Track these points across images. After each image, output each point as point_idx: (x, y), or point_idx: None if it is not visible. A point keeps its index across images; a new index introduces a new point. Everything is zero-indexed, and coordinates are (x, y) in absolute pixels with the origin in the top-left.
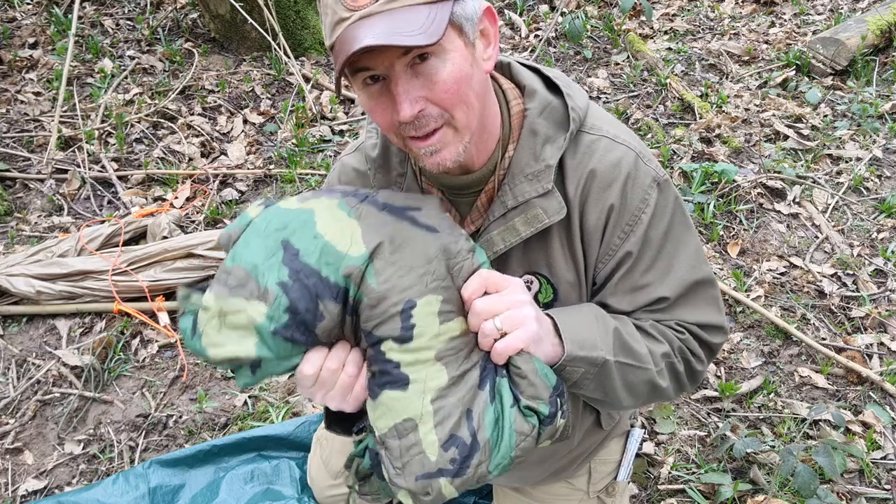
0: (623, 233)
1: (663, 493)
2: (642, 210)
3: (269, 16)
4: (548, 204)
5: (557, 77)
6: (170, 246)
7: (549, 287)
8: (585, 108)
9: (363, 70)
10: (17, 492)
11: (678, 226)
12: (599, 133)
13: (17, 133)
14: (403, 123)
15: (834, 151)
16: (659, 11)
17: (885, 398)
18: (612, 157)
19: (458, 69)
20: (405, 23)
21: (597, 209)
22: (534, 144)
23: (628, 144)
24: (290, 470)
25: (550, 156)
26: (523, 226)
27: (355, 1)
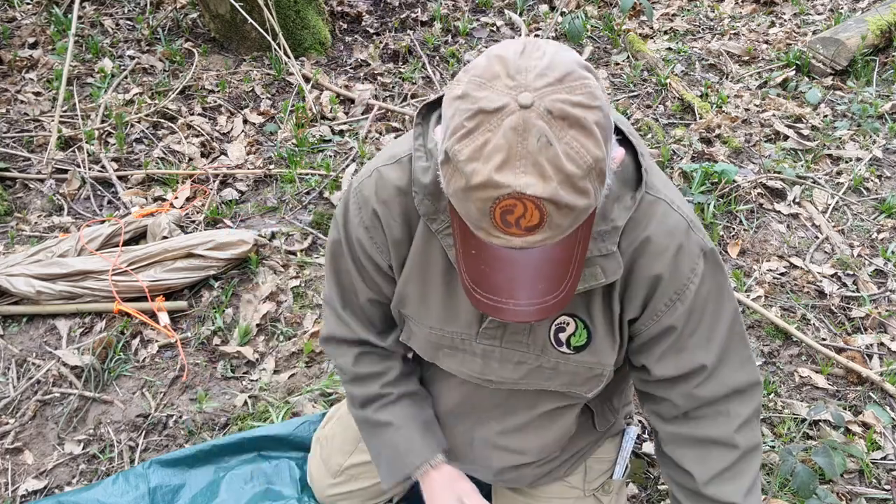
0: (670, 301)
1: (663, 493)
2: (691, 280)
3: (269, 16)
4: (608, 264)
5: (631, 131)
6: (170, 246)
7: (584, 331)
8: (648, 166)
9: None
10: (17, 492)
11: (721, 295)
12: (658, 196)
13: (17, 133)
14: None
15: (834, 151)
16: (659, 11)
17: (885, 398)
18: (668, 226)
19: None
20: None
21: (644, 275)
22: (605, 203)
23: (682, 213)
24: (290, 470)
25: (618, 217)
26: (581, 282)
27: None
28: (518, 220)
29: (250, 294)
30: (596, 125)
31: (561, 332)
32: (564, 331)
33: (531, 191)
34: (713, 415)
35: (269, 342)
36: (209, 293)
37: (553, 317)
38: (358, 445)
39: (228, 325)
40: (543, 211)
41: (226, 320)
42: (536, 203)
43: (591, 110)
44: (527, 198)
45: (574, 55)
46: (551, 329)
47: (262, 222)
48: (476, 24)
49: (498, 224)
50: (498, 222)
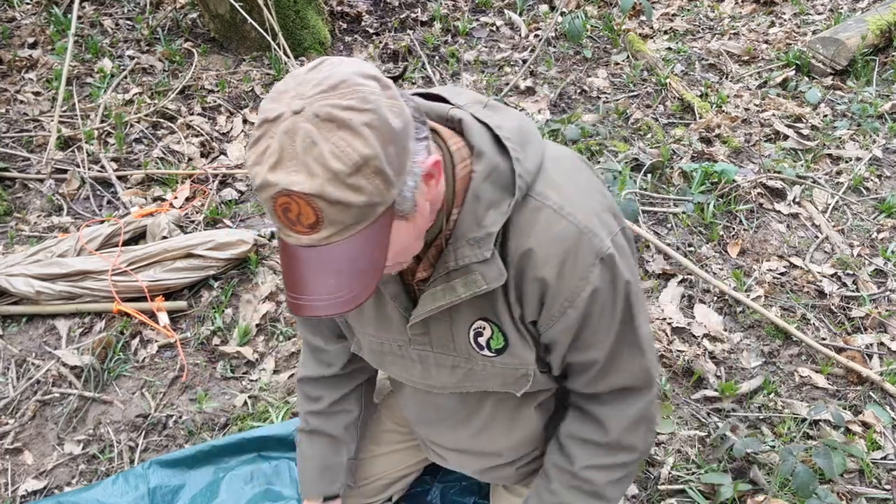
0: (562, 308)
1: (663, 493)
2: (581, 288)
3: (269, 16)
4: (487, 270)
5: (509, 137)
6: (169, 246)
7: (500, 334)
8: (535, 170)
9: None
10: (17, 492)
11: (616, 299)
12: (544, 202)
13: (17, 133)
14: None
15: (834, 151)
16: (659, 11)
17: (885, 398)
18: (551, 234)
19: (401, 246)
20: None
21: (533, 283)
22: (477, 210)
23: (572, 218)
24: (290, 470)
25: (492, 223)
26: (462, 288)
27: (294, 224)
28: (298, 218)
29: (250, 294)
30: (366, 126)
31: (480, 337)
32: (482, 335)
33: (297, 188)
34: (601, 412)
35: (269, 342)
36: (209, 293)
37: (469, 321)
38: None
39: (228, 325)
40: (315, 207)
41: (225, 320)
42: (306, 200)
43: (360, 113)
44: (296, 195)
45: (362, 68)
46: (470, 333)
47: (261, 222)
48: (476, 24)
49: (285, 222)
50: (284, 221)
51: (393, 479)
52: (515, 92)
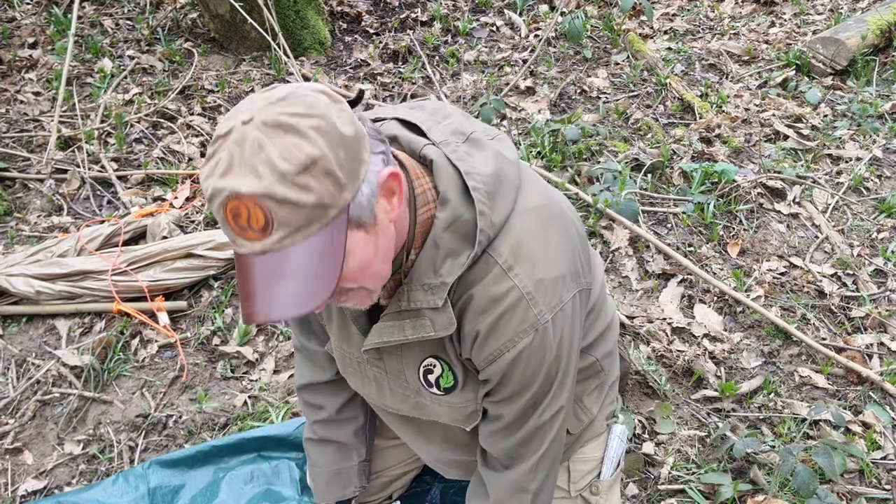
0: (486, 360)
1: (663, 493)
2: (507, 349)
3: (269, 16)
4: (438, 318)
5: (478, 186)
6: (170, 246)
7: (450, 373)
8: (500, 224)
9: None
10: (17, 492)
11: (543, 373)
12: (497, 259)
13: (17, 133)
14: None
15: (834, 151)
16: (659, 11)
17: (886, 398)
18: (493, 291)
19: (362, 260)
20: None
21: (468, 328)
22: (435, 257)
23: (518, 281)
24: (290, 470)
25: (448, 273)
26: (411, 330)
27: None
28: (249, 223)
29: None
30: (313, 130)
31: (429, 374)
32: (432, 372)
33: (245, 189)
34: (486, 474)
35: (269, 342)
36: (209, 293)
37: (420, 358)
38: None
39: (228, 325)
40: (265, 208)
41: (225, 320)
42: (255, 201)
43: (308, 118)
44: (245, 196)
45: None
46: (420, 370)
47: None
48: (476, 24)
49: (235, 230)
50: (235, 229)
51: (392, 476)
52: (515, 92)
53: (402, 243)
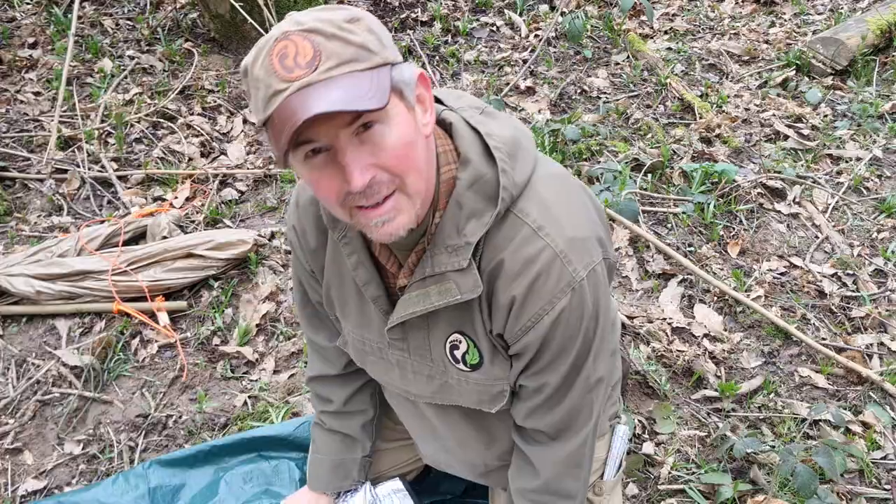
0: (524, 327)
1: (663, 493)
2: (546, 312)
3: (269, 16)
4: (463, 280)
5: (499, 146)
6: (169, 246)
7: (475, 349)
8: (522, 184)
9: (304, 143)
10: (17, 492)
11: (583, 333)
12: (526, 220)
13: (17, 133)
14: (353, 194)
15: (834, 151)
16: (659, 11)
17: (886, 398)
18: (526, 253)
19: (404, 133)
20: (350, 89)
21: (502, 297)
22: (458, 217)
23: (550, 240)
24: (289, 470)
25: (472, 233)
26: (437, 296)
27: (290, 72)
28: (296, 60)
29: (250, 294)
30: (354, 9)
31: (455, 350)
32: (458, 348)
33: (294, 28)
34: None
35: (269, 342)
36: (209, 293)
37: (446, 333)
38: None
39: (228, 326)
40: (313, 41)
41: (225, 320)
42: (304, 35)
43: (347, 10)
44: (293, 33)
45: None
46: (446, 345)
47: (261, 222)
48: (476, 24)
49: (280, 73)
50: (279, 71)
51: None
52: (515, 92)
53: (428, 201)
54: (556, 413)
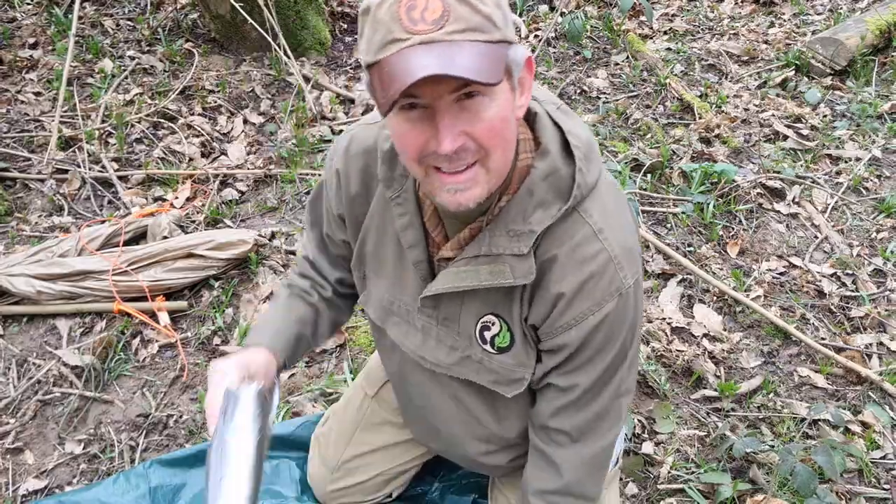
0: (566, 325)
1: (663, 493)
2: (592, 312)
3: (269, 16)
4: (519, 265)
5: (578, 146)
6: (170, 246)
7: (507, 333)
8: (592, 184)
9: (407, 96)
10: (18, 492)
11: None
12: (587, 219)
13: (18, 133)
14: (439, 155)
15: (833, 151)
16: (658, 12)
17: (885, 398)
18: (583, 252)
19: (502, 110)
20: (470, 58)
21: (550, 291)
22: (527, 204)
23: (608, 244)
24: (289, 470)
25: (538, 222)
26: (487, 275)
27: (415, 24)
28: (423, 15)
29: (250, 294)
30: None
31: (486, 331)
32: (490, 329)
33: None
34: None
35: None
36: (209, 293)
37: (481, 313)
38: (353, 437)
39: (228, 325)
40: (445, 1)
41: (226, 320)
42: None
43: None
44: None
45: None
46: (477, 325)
47: (262, 222)
48: None
49: (405, 23)
50: (404, 21)
51: (392, 475)
52: None
53: (497, 184)
54: (583, 415)
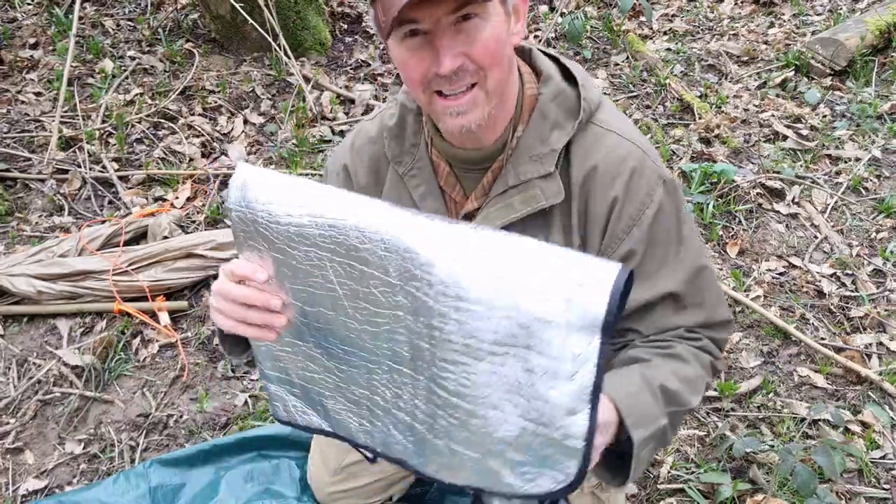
0: (627, 227)
1: (663, 493)
2: (647, 205)
3: (270, 16)
4: (547, 186)
5: (575, 68)
6: (170, 246)
7: None
8: (598, 101)
9: (407, 23)
10: (18, 492)
11: (682, 224)
12: (608, 128)
13: (18, 133)
14: (439, 77)
15: (833, 151)
16: (658, 12)
17: (885, 398)
18: (618, 153)
19: (498, 31)
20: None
21: (600, 201)
22: (542, 128)
23: (636, 142)
24: (290, 470)
25: (557, 140)
26: (521, 204)
27: None
28: None
29: None
30: None
31: None
32: None
33: None
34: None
35: None
36: (209, 293)
37: None
38: None
39: None
40: None
41: None
42: None
43: None
44: None
45: None
46: None
47: None
48: None
49: None
50: None
51: (394, 479)
52: None
53: (509, 118)
54: (691, 313)
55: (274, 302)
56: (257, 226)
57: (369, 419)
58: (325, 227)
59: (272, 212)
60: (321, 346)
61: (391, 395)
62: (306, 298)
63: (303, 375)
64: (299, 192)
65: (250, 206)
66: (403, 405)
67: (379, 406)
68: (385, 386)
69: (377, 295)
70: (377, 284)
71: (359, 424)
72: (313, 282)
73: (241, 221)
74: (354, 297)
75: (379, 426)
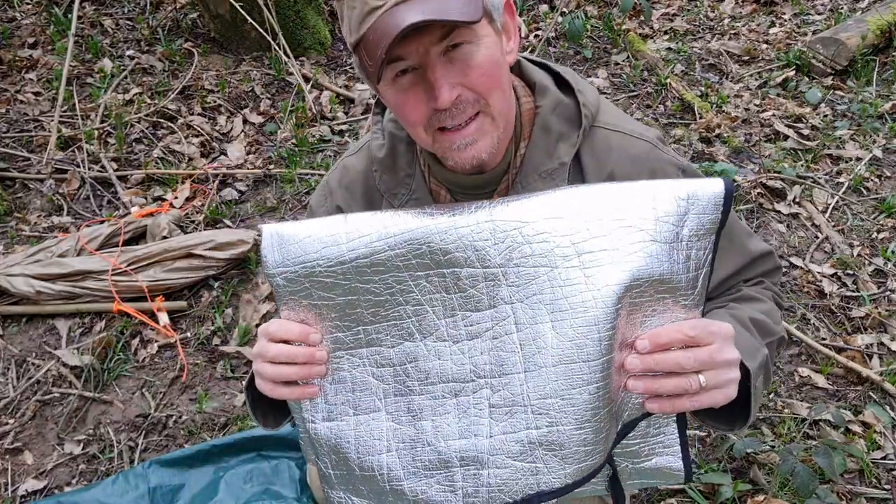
0: None
1: (663, 493)
2: None
3: (269, 16)
4: None
5: (567, 74)
6: (169, 246)
7: None
8: (596, 104)
9: (394, 62)
10: (17, 492)
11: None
12: (614, 128)
13: (17, 133)
14: (439, 112)
15: (834, 151)
16: (659, 11)
17: (885, 398)
18: (631, 154)
19: (491, 53)
20: (444, 3)
21: None
22: (547, 142)
23: (644, 137)
24: (289, 470)
25: (565, 153)
26: None
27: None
28: None
29: (250, 294)
30: None
31: None
32: None
33: None
34: (739, 286)
35: None
36: (209, 293)
37: None
38: None
39: (228, 325)
40: None
41: (225, 320)
42: None
43: None
44: None
45: None
46: None
47: (261, 222)
48: None
49: None
50: None
51: None
52: None
53: (510, 132)
54: (731, 259)
55: (319, 354)
56: (313, 278)
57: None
58: (400, 244)
59: (329, 256)
60: (400, 403)
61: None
62: (384, 339)
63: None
64: (343, 226)
65: (298, 261)
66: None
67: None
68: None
69: (475, 294)
70: (475, 282)
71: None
72: (396, 313)
73: (291, 282)
74: (450, 311)
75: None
